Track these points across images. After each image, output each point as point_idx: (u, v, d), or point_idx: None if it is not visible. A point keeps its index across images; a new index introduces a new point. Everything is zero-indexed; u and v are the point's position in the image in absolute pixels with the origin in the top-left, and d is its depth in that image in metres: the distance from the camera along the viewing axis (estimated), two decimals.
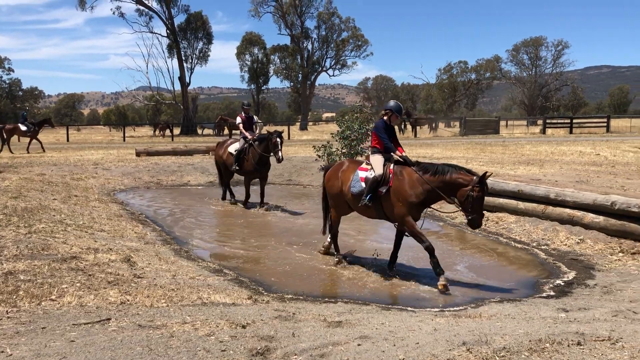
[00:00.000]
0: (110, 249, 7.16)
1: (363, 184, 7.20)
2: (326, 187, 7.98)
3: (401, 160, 7.17)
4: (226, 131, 39.85)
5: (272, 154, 11.71)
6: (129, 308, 4.61)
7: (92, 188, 14.16)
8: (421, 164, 7.09)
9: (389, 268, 7.22)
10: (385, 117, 7.41)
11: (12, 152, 23.34)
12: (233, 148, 12.55)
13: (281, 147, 11.53)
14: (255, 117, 12.96)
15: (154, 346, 3.60)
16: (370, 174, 7.17)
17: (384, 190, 6.94)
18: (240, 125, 12.53)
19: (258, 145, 11.93)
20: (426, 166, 6.94)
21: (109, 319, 4.18)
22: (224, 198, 13.11)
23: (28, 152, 23.61)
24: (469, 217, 6.53)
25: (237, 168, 12.29)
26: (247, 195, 12.47)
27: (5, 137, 24.24)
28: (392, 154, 7.23)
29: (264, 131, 13.47)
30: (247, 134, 12.33)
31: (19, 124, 25.00)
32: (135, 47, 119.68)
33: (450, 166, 6.79)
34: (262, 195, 12.29)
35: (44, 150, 24.09)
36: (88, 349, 3.54)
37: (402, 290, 6.62)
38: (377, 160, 7.22)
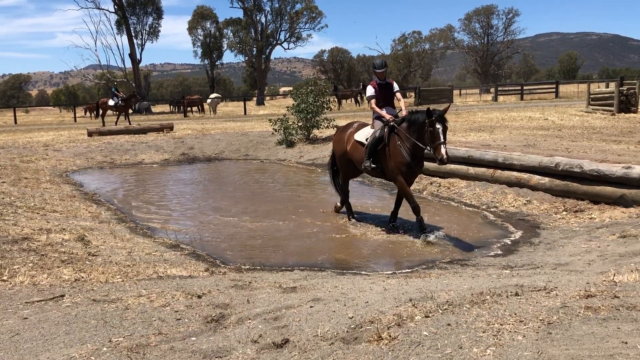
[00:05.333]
0: (64, 229, 7.08)
1: None
2: None
3: None
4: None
5: (427, 147, 7.12)
6: (83, 285, 4.62)
7: (42, 170, 13.82)
8: None
9: None
10: None
11: (104, 125, 24.15)
12: (363, 135, 7.97)
13: (444, 136, 6.98)
14: (396, 85, 8.15)
15: (109, 319, 3.65)
16: None
17: None
18: (372, 102, 7.89)
19: (408, 130, 7.32)
20: None
21: (63, 296, 4.19)
22: (343, 203, 8.66)
23: (116, 125, 24.23)
24: None
25: (374, 166, 7.63)
26: (415, 208, 7.31)
27: (101, 111, 25.89)
28: None
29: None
30: (382, 112, 7.74)
31: (109, 99, 25.96)
32: (83, 24, 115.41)
33: None
34: (397, 204, 7.88)
35: (129, 123, 24.52)
36: (42, 324, 3.56)
37: None
38: None
